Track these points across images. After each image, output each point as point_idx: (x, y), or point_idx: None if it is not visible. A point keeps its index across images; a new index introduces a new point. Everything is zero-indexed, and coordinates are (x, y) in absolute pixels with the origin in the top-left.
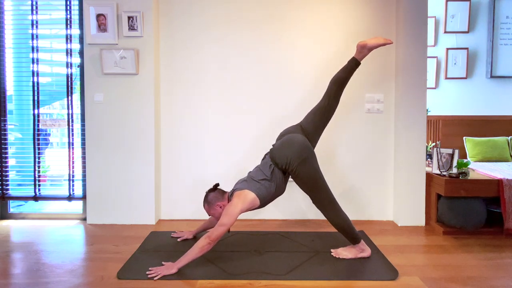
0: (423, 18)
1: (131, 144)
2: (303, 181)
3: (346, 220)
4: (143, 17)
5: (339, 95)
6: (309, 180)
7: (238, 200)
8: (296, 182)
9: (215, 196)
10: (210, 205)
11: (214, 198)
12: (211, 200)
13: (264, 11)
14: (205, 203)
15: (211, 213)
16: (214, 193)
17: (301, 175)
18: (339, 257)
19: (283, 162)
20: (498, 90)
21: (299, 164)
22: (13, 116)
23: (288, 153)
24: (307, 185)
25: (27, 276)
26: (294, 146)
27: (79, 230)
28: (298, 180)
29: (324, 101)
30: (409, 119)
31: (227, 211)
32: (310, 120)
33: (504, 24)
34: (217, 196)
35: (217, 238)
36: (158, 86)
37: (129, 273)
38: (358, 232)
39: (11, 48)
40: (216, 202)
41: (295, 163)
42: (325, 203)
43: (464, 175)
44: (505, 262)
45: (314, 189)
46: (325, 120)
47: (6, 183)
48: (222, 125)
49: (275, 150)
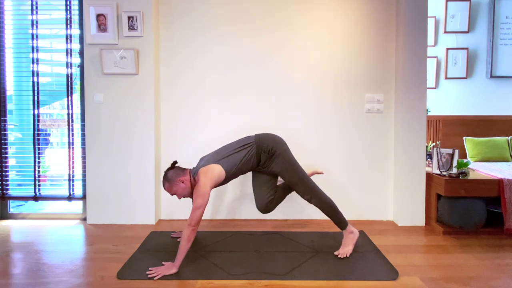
0: (423, 18)
1: (131, 144)
2: (285, 166)
3: (331, 202)
4: (143, 17)
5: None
6: (290, 165)
7: (205, 178)
8: (280, 169)
9: (176, 172)
10: (171, 182)
11: (175, 175)
12: (171, 176)
13: (265, 11)
14: (165, 182)
15: (173, 190)
16: (173, 170)
17: (284, 158)
18: (346, 256)
19: (270, 145)
20: (498, 90)
21: (282, 151)
22: (13, 116)
23: (273, 142)
24: (288, 171)
25: (27, 276)
26: (278, 139)
27: (79, 230)
28: (280, 164)
29: (273, 190)
30: (409, 119)
31: (198, 193)
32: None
33: (504, 24)
34: (178, 173)
35: (198, 222)
36: (158, 86)
37: (129, 273)
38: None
39: (11, 48)
40: (177, 178)
41: (279, 149)
42: (307, 189)
43: (464, 175)
44: (505, 262)
45: (295, 174)
46: (264, 180)
47: (6, 183)
48: (222, 125)
49: (263, 136)
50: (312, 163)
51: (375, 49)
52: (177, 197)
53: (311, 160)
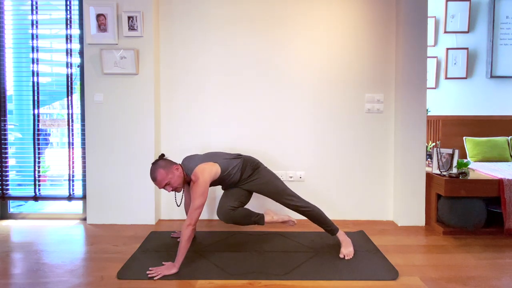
0: (423, 18)
1: (131, 144)
2: (269, 178)
3: (319, 210)
4: (143, 17)
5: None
6: (273, 176)
7: (205, 177)
8: (264, 180)
9: (167, 161)
10: (166, 168)
11: (168, 162)
12: (165, 164)
13: (265, 11)
14: (158, 169)
15: (168, 178)
16: (163, 160)
17: (267, 171)
18: (350, 257)
19: (255, 161)
20: (498, 90)
21: (264, 167)
22: (13, 116)
23: (257, 160)
24: (272, 182)
25: (27, 276)
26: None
27: (79, 230)
28: (263, 176)
29: (238, 203)
30: (409, 119)
31: (199, 192)
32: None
33: (504, 24)
34: (169, 161)
35: (197, 221)
36: (158, 86)
37: (129, 273)
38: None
39: (11, 48)
40: (172, 165)
41: (262, 165)
42: (294, 196)
43: (464, 175)
44: (505, 262)
45: (279, 184)
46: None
47: (6, 183)
48: (222, 125)
49: (246, 155)
50: (312, 163)
51: (375, 49)
52: (167, 189)
53: (311, 160)
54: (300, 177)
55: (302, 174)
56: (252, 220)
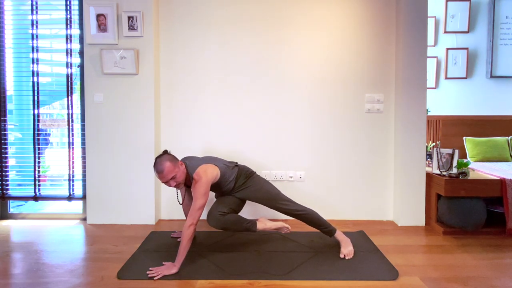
0: (423, 18)
1: (131, 144)
2: (263, 184)
3: (315, 212)
4: (143, 17)
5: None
6: (267, 183)
7: (207, 177)
8: (258, 186)
9: (173, 156)
10: (173, 162)
11: (173, 157)
12: (172, 158)
13: (265, 11)
14: (165, 162)
15: (175, 171)
16: (169, 154)
17: (260, 178)
18: (351, 256)
19: (249, 170)
20: (498, 90)
21: (257, 175)
22: (13, 116)
23: (251, 169)
24: (266, 188)
25: (27, 276)
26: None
27: (79, 230)
28: (257, 183)
29: (228, 210)
30: (409, 119)
31: (201, 192)
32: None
33: (504, 24)
34: (175, 156)
35: (198, 221)
36: (158, 86)
37: (129, 273)
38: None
39: (11, 48)
40: (177, 161)
41: (255, 173)
42: (289, 201)
43: (464, 175)
44: (505, 262)
45: (272, 190)
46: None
47: (6, 183)
48: (222, 125)
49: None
50: (312, 163)
51: (375, 49)
52: (170, 183)
53: (311, 159)
54: (300, 177)
55: (302, 174)
56: (243, 227)
